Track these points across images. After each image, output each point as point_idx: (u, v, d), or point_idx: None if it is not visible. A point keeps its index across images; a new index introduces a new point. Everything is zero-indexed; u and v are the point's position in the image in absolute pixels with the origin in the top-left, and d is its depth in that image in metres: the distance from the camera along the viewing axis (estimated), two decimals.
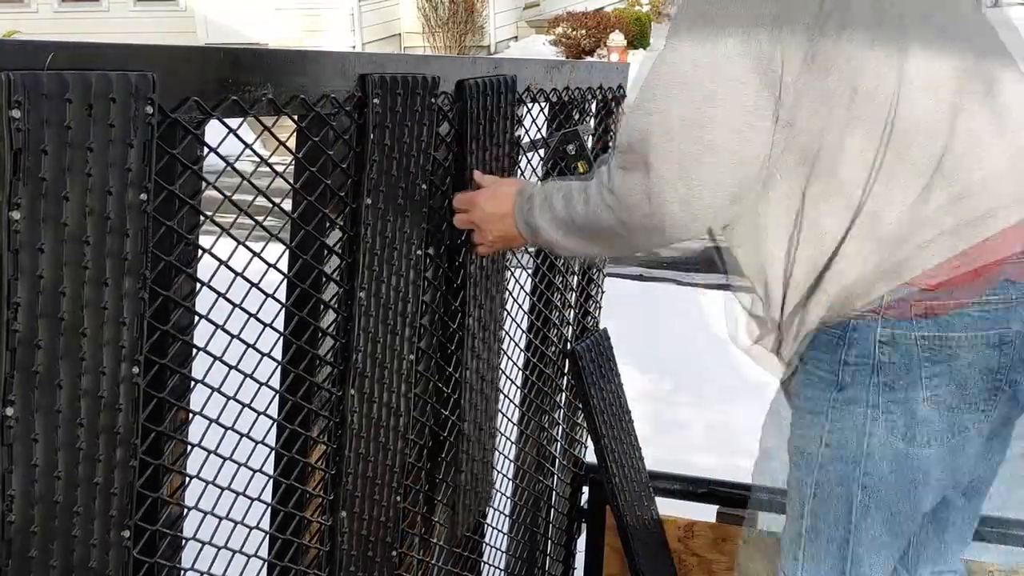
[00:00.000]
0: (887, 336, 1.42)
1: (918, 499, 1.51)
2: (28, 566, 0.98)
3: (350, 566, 1.52)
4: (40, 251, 0.93)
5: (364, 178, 1.42)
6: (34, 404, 0.96)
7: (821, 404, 1.49)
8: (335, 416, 1.47)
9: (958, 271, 1.39)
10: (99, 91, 0.96)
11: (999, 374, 1.44)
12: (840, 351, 1.45)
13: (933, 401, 1.43)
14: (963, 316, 1.40)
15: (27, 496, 0.96)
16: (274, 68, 1.25)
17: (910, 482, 1.48)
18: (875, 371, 1.43)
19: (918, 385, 1.43)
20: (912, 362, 1.42)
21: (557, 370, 2.40)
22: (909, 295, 1.40)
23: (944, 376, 1.42)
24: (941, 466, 1.48)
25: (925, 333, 1.41)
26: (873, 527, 1.52)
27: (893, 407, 1.44)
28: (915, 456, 1.46)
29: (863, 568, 1.55)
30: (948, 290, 1.39)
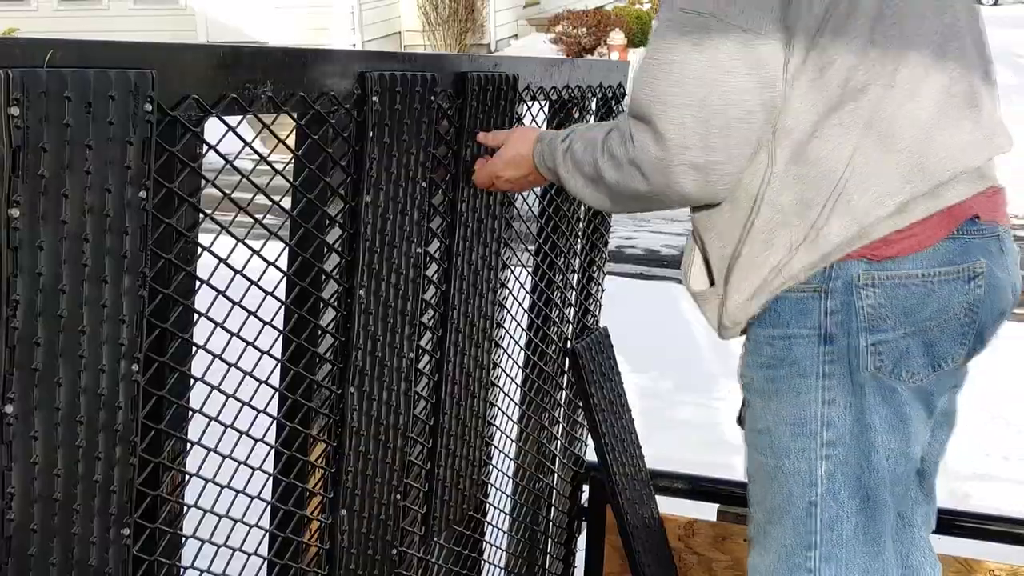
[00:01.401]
0: (866, 279, 1.44)
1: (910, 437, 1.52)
2: (28, 564, 0.98)
3: (350, 564, 1.52)
4: (39, 249, 0.93)
5: (363, 176, 1.42)
6: (34, 402, 0.96)
7: (811, 364, 1.48)
8: (335, 414, 1.47)
9: (928, 221, 1.44)
10: (98, 89, 0.96)
11: (974, 308, 1.48)
12: (822, 302, 1.46)
13: (913, 336, 1.46)
14: (935, 252, 1.44)
15: (27, 494, 0.97)
16: (273, 66, 1.25)
17: (901, 420, 1.50)
18: (856, 316, 1.45)
19: (898, 324, 1.45)
20: (892, 301, 1.44)
21: (557, 368, 2.40)
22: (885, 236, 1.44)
23: (921, 312, 1.45)
24: (924, 400, 1.51)
25: (902, 271, 1.44)
26: (886, 474, 1.51)
27: (880, 347, 1.46)
28: (901, 391, 1.48)
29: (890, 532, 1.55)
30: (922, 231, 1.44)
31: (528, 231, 2.14)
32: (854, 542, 1.52)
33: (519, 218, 2.03)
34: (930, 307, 1.46)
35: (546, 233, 2.21)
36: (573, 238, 2.35)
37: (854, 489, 1.50)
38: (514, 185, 1.75)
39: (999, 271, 1.51)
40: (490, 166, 1.72)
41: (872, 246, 1.44)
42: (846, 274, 1.44)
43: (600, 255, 2.53)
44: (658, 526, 2.51)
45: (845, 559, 1.53)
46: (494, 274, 1.89)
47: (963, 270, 1.46)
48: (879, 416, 1.49)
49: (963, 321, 1.48)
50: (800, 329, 1.48)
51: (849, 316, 1.45)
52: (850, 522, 1.52)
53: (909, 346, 1.47)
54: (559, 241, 2.27)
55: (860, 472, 1.50)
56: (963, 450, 4.23)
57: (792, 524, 1.54)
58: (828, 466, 1.49)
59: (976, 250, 1.48)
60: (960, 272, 1.46)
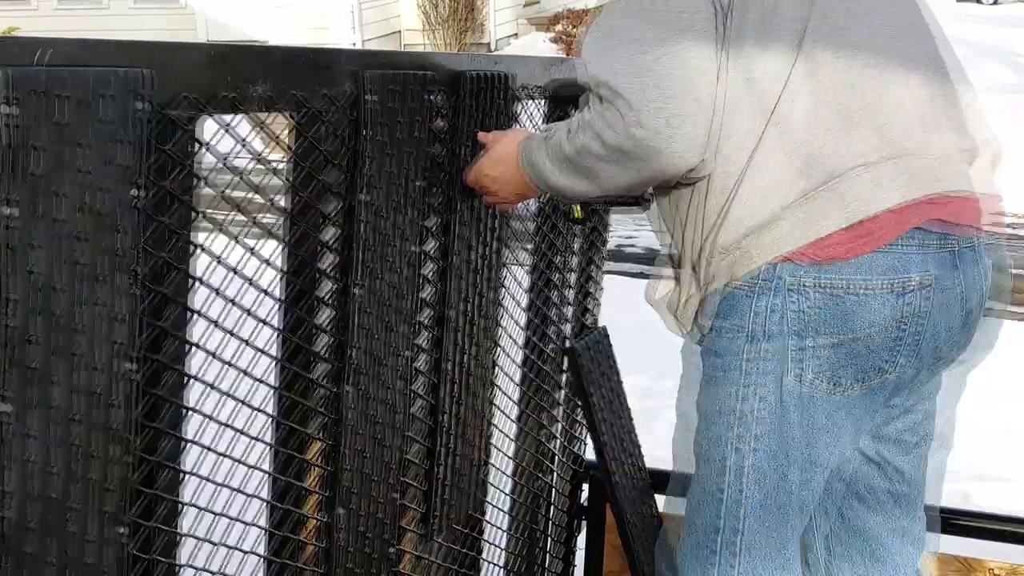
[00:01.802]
0: (795, 284, 1.44)
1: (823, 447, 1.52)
2: (25, 563, 0.98)
3: (347, 562, 1.52)
4: (35, 247, 0.93)
5: (359, 174, 1.42)
6: (30, 400, 0.96)
7: (733, 359, 1.51)
8: (332, 412, 1.47)
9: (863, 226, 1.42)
10: (93, 87, 0.96)
11: (903, 323, 1.44)
12: (750, 301, 1.48)
13: (837, 347, 1.45)
14: (866, 262, 1.42)
15: (23, 493, 0.96)
16: (269, 65, 1.25)
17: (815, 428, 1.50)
18: (783, 319, 1.46)
19: (823, 331, 1.45)
20: (820, 308, 1.44)
21: (556, 368, 2.40)
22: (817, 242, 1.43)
23: (849, 322, 1.44)
24: (846, 412, 1.50)
25: (832, 279, 1.43)
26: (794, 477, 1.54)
27: (802, 354, 1.46)
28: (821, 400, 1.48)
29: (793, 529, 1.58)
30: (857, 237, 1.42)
31: (526, 230, 2.14)
32: (755, 533, 1.56)
33: (517, 217, 2.03)
34: (857, 318, 1.43)
35: (544, 232, 2.21)
36: (572, 237, 2.35)
37: (758, 483, 1.53)
38: (498, 187, 1.69)
39: (949, 284, 1.47)
40: (476, 163, 1.71)
41: (803, 250, 1.42)
42: (777, 276, 1.45)
43: (599, 254, 2.53)
44: (658, 525, 2.50)
45: (746, 547, 1.56)
46: (493, 273, 1.89)
47: (895, 283, 1.43)
48: (792, 420, 1.50)
49: (892, 336, 1.45)
50: (727, 323, 1.51)
51: (774, 319, 1.46)
52: (752, 513, 1.55)
53: (832, 356, 1.46)
54: (557, 240, 2.27)
55: (765, 469, 1.53)
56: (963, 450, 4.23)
57: (699, 505, 1.60)
58: (737, 459, 1.53)
59: (915, 263, 1.43)
60: (891, 285, 1.42)
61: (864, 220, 1.41)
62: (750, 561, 1.57)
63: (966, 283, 1.50)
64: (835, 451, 1.55)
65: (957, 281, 1.48)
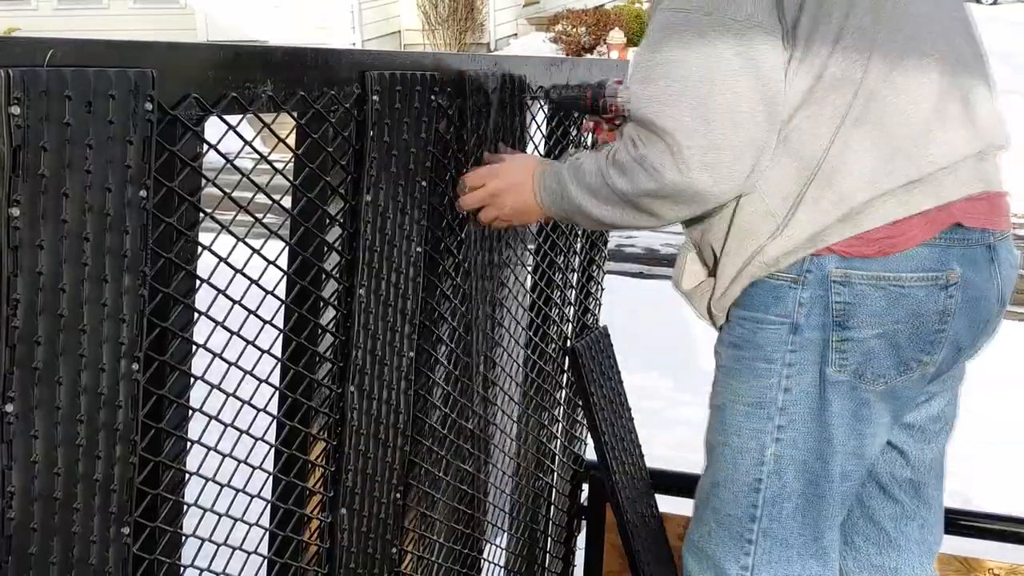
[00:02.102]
0: (840, 276, 1.46)
1: (866, 438, 1.55)
2: (28, 562, 0.98)
3: (350, 563, 1.52)
4: (40, 248, 0.93)
5: (364, 175, 1.42)
6: (34, 400, 0.96)
7: (775, 350, 1.51)
8: (335, 413, 1.47)
9: (909, 222, 1.45)
10: (98, 88, 0.96)
11: (946, 316, 1.48)
12: (795, 292, 1.49)
13: (880, 338, 1.47)
14: (912, 256, 1.45)
15: (27, 492, 0.97)
16: (274, 65, 1.25)
17: (858, 419, 1.53)
18: (828, 310, 1.47)
19: (868, 322, 1.47)
20: (864, 299, 1.46)
21: (557, 367, 2.40)
22: (863, 234, 1.45)
23: (892, 314, 1.46)
24: (887, 402, 1.53)
25: (877, 272, 1.45)
26: (836, 468, 1.55)
27: (845, 345, 1.48)
28: (863, 391, 1.51)
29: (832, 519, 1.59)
30: (901, 232, 1.44)
31: (528, 230, 2.14)
32: (792, 523, 1.57)
33: None
34: (901, 311, 1.46)
35: (546, 232, 2.21)
36: (573, 237, 2.35)
37: (799, 473, 1.55)
38: (508, 214, 1.68)
39: (983, 281, 1.51)
40: (486, 187, 1.68)
41: (848, 243, 1.45)
42: (821, 268, 1.46)
43: (600, 254, 2.53)
44: (658, 525, 2.51)
45: (782, 536, 1.58)
46: (496, 273, 1.89)
47: (939, 277, 1.46)
48: (834, 411, 1.52)
49: (934, 328, 1.48)
50: (770, 315, 1.51)
51: (820, 310, 1.48)
52: (791, 503, 1.56)
53: (875, 347, 1.48)
54: (559, 240, 2.27)
55: (807, 459, 1.54)
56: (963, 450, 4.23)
57: (735, 496, 1.59)
58: (777, 449, 1.54)
59: (955, 258, 1.47)
60: (936, 279, 1.46)
61: (908, 217, 1.45)
62: (786, 551, 1.58)
63: (1001, 276, 1.54)
64: (877, 441, 1.57)
65: (993, 274, 1.52)
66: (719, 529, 1.63)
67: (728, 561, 1.62)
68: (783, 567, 1.59)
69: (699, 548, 1.67)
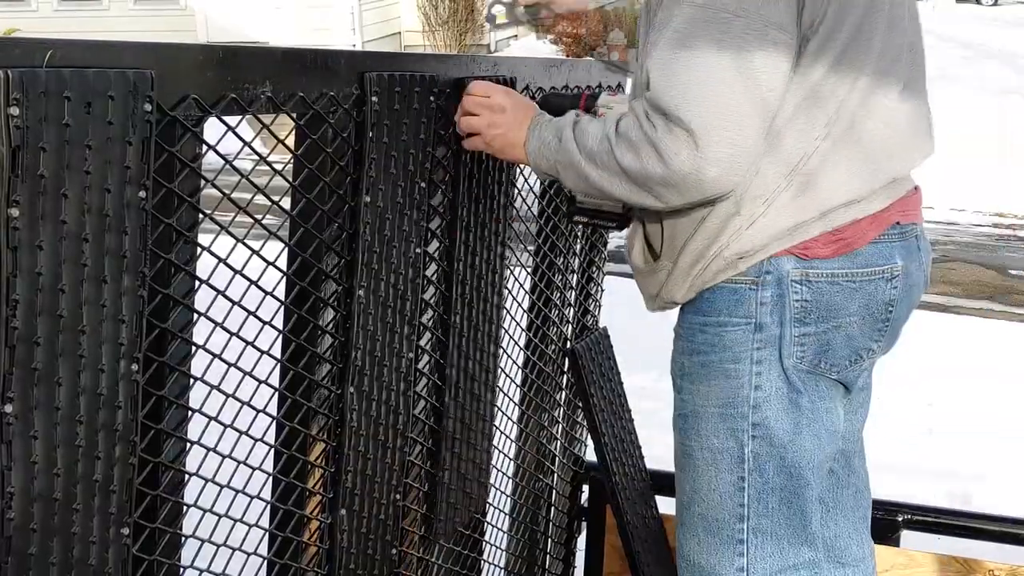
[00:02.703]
0: (799, 275, 1.54)
1: (830, 423, 1.63)
2: (27, 563, 0.98)
3: (349, 564, 1.52)
4: (39, 248, 0.93)
5: (363, 176, 1.42)
6: (33, 401, 0.96)
7: (742, 350, 1.57)
8: (334, 414, 1.47)
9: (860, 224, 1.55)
10: (97, 89, 0.96)
11: (891, 307, 1.60)
12: (756, 293, 1.56)
13: (836, 330, 1.58)
14: (862, 253, 1.56)
15: (26, 493, 0.97)
16: (273, 66, 1.25)
17: (823, 407, 1.61)
18: (787, 307, 1.55)
19: (826, 317, 1.56)
20: (821, 297, 1.55)
21: (557, 369, 2.40)
22: (818, 237, 1.54)
23: (846, 308, 1.57)
24: (837, 390, 1.63)
25: (833, 270, 1.55)
26: (810, 456, 1.61)
27: (804, 339, 1.57)
28: (820, 380, 1.60)
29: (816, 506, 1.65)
30: (851, 234, 1.55)
31: (528, 231, 2.14)
32: (779, 514, 1.62)
33: (519, 218, 2.03)
34: (854, 304, 1.57)
35: (545, 233, 2.21)
36: (572, 238, 2.35)
37: (778, 467, 1.60)
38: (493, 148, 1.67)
39: (915, 269, 1.63)
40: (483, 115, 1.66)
41: (803, 245, 1.54)
42: (779, 269, 1.55)
43: (600, 255, 2.53)
44: (658, 526, 2.51)
45: (771, 529, 1.62)
46: (496, 275, 1.89)
47: (885, 271, 1.57)
48: (802, 402, 1.59)
49: (882, 318, 1.60)
50: (734, 317, 1.58)
51: (780, 308, 1.56)
52: (775, 496, 1.61)
53: (832, 339, 1.58)
54: (559, 241, 2.27)
55: (784, 452, 1.60)
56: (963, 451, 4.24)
57: (720, 499, 1.63)
58: (755, 445, 1.60)
59: (897, 252, 1.59)
60: (883, 272, 1.57)
61: (861, 219, 1.55)
62: (777, 543, 1.63)
63: (924, 266, 1.67)
64: (838, 424, 1.65)
65: (922, 262, 1.65)
66: (708, 537, 1.66)
67: (724, 566, 1.64)
68: (777, 560, 1.63)
69: (693, 561, 1.69)
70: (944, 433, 4.41)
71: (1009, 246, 9.24)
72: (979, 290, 7.82)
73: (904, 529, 2.34)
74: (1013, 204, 10.24)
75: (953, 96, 11.33)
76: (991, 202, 10.23)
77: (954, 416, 4.63)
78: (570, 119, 1.60)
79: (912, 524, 2.35)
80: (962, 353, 5.63)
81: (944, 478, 3.86)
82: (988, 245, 9.20)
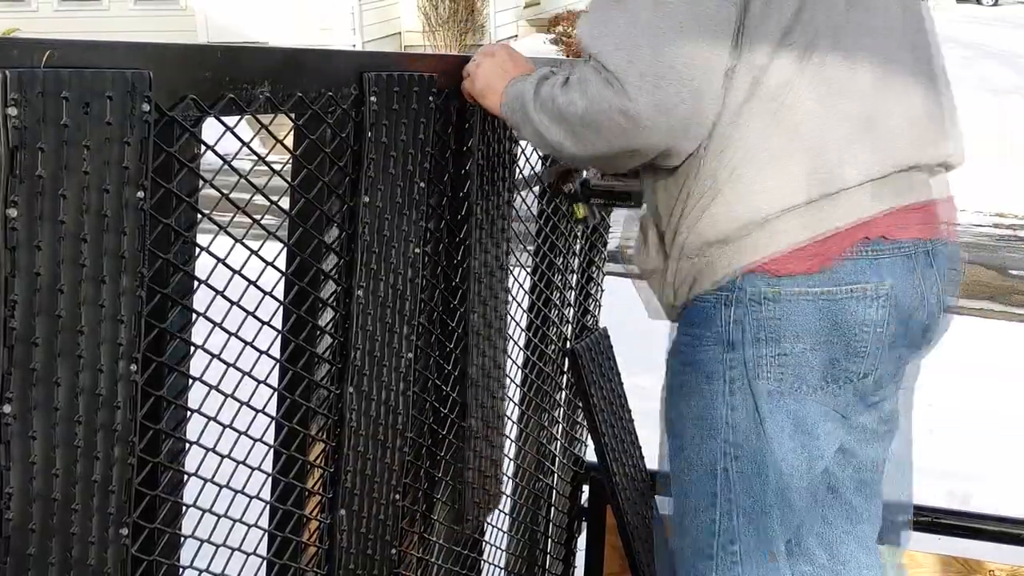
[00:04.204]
0: (771, 293, 1.48)
1: (810, 449, 1.56)
2: (26, 563, 0.98)
3: (349, 564, 1.52)
4: (37, 248, 0.93)
5: (362, 176, 1.42)
6: (32, 401, 0.96)
7: (715, 368, 1.54)
8: (334, 414, 1.47)
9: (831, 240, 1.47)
10: (95, 89, 0.96)
11: (877, 326, 1.50)
12: (728, 310, 1.51)
13: (814, 351, 1.50)
14: (838, 270, 1.47)
15: (25, 493, 0.97)
16: (271, 66, 1.25)
17: (801, 431, 1.54)
18: (760, 326, 1.50)
19: (802, 336, 1.49)
20: (794, 315, 1.48)
21: (557, 369, 2.40)
22: (791, 252, 1.47)
23: (823, 327, 1.48)
24: (825, 414, 1.54)
25: (806, 288, 1.47)
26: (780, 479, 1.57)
27: (781, 359, 1.50)
28: (802, 403, 1.52)
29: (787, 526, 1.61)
30: (826, 249, 1.46)
31: (527, 231, 2.14)
32: (746, 537, 1.59)
33: (518, 218, 2.03)
34: (831, 323, 1.48)
35: (545, 233, 2.21)
36: (572, 238, 2.35)
37: (747, 488, 1.57)
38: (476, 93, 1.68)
39: (916, 289, 1.53)
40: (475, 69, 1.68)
41: (774, 261, 1.47)
42: (751, 286, 1.49)
43: (599, 255, 2.53)
44: (659, 526, 2.51)
45: (739, 549, 1.60)
46: (497, 275, 1.89)
47: (867, 289, 1.48)
48: (775, 425, 1.53)
49: (866, 339, 1.50)
50: (707, 332, 1.55)
51: (753, 327, 1.50)
52: (742, 518, 1.58)
53: (810, 359, 1.50)
54: (558, 241, 2.27)
55: (755, 474, 1.56)
56: (963, 451, 4.23)
57: (694, 510, 1.62)
58: (725, 463, 1.57)
59: (885, 269, 1.49)
60: (864, 291, 1.48)
61: (835, 232, 1.46)
62: (747, 563, 1.60)
63: (940, 281, 1.57)
64: (824, 450, 1.58)
65: (929, 281, 1.55)
66: (683, 545, 1.66)
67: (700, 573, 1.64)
68: None
69: (675, 562, 1.70)
70: (944, 433, 4.41)
71: (1009, 246, 9.24)
72: (979, 290, 7.82)
73: None
74: (1013, 204, 10.24)
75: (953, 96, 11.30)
76: (991, 202, 10.23)
77: (954, 416, 4.63)
78: (545, 72, 1.59)
79: (912, 524, 2.34)
80: (962, 353, 5.63)
81: (944, 478, 3.86)
82: (988, 245, 9.20)
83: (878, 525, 1.77)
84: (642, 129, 1.40)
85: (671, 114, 1.39)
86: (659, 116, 1.39)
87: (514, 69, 1.66)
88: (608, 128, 1.42)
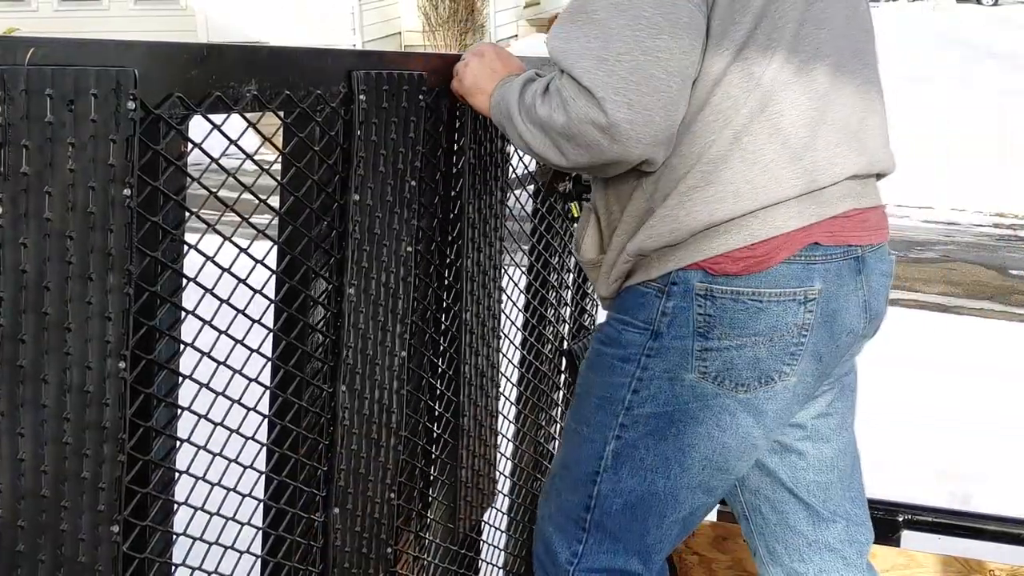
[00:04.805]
0: (703, 289, 1.50)
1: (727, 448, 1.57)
2: (16, 561, 0.98)
3: (343, 562, 1.52)
4: (23, 246, 0.93)
5: (352, 174, 1.42)
6: (20, 399, 0.96)
7: (634, 351, 1.56)
8: (326, 412, 1.47)
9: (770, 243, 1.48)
10: (80, 86, 0.96)
11: (804, 330, 1.52)
12: (659, 302, 1.53)
13: (740, 349, 1.51)
14: (772, 273, 1.49)
15: (14, 491, 0.97)
16: (258, 64, 1.25)
17: (718, 427, 1.56)
18: (690, 320, 1.52)
19: (729, 334, 1.51)
20: (725, 313, 1.50)
21: (554, 369, 2.40)
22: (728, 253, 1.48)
23: (752, 328, 1.50)
24: (748, 414, 1.55)
25: (739, 288, 1.49)
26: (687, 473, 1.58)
27: (706, 354, 1.52)
28: (724, 399, 1.54)
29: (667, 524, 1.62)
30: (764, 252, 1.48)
31: (523, 230, 2.14)
32: (621, 518, 1.61)
33: (513, 217, 2.03)
34: (760, 324, 1.50)
35: (540, 232, 2.21)
36: (568, 237, 2.35)
37: (633, 472, 1.59)
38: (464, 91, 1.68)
39: (846, 294, 1.54)
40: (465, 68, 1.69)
41: (714, 260, 1.49)
42: (687, 281, 1.51)
43: None
44: None
45: (612, 530, 1.62)
46: (491, 274, 1.89)
47: (797, 293, 1.50)
48: (690, 417, 1.55)
49: (793, 341, 1.52)
50: (636, 320, 1.57)
51: (683, 320, 1.52)
52: (621, 499, 1.61)
53: (735, 357, 1.52)
54: (554, 240, 2.27)
55: (644, 460, 1.58)
56: (963, 451, 4.23)
57: (574, 484, 1.65)
58: (616, 446, 1.59)
59: (817, 274, 1.51)
60: (794, 295, 1.50)
61: (771, 238, 1.48)
62: (614, 544, 1.62)
63: (868, 287, 1.58)
64: (743, 452, 1.59)
65: (859, 286, 1.56)
66: (558, 513, 1.68)
67: (561, 545, 1.67)
68: (608, 559, 1.63)
69: (541, 528, 1.72)
70: (944, 433, 4.41)
71: (1009, 246, 9.23)
72: (979, 290, 7.82)
73: (904, 529, 2.34)
74: (1013, 204, 10.24)
75: (953, 96, 11.33)
76: (991, 202, 10.23)
77: (954, 416, 4.63)
78: (531, 75, 1.59)
79: (912, 524, 2.34)
80: (962, 353, 5.63)
81: (944, 478, 3.86)
82: (988, 245, 9.19)
83: (842, 524, 1.77)
84: (622, 143, 1.40)
85: (649, 126, 1.39)
86: (638, 129, 1.39)
87: (503, 69, 1.66)
88: (588, 143, 1.42)
